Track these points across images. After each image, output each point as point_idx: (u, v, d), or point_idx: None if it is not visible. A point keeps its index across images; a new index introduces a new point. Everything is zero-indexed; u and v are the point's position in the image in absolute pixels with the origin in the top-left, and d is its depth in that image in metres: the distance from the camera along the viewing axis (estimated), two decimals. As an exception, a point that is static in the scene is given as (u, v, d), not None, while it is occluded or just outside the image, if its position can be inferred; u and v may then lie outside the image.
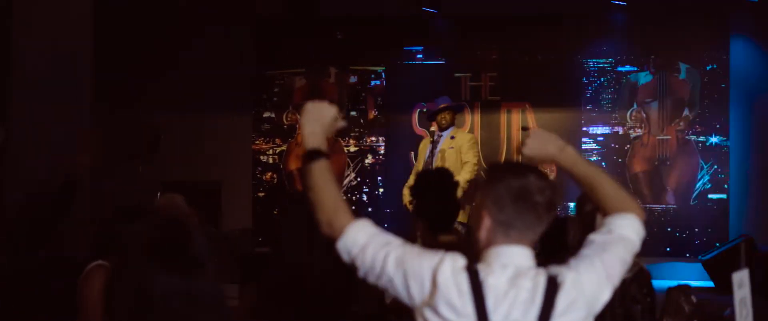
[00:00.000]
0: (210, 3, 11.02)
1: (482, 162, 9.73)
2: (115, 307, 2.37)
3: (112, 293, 2.69)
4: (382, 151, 11.28)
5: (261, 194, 11.44)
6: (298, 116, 11.47)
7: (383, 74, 11.33)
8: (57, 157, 7.31)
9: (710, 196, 10.57)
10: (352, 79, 11.41)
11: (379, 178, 11.23)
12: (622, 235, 2.70)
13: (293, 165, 11.45)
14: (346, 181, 11.34)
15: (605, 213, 2.77)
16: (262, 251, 9.54)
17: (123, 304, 2.37)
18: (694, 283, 8.14)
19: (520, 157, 2.86)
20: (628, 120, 10.77)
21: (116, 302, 2.37)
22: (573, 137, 10.73)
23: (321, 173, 2.74)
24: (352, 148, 11.36)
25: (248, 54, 11.41)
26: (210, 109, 11.23)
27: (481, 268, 2.55)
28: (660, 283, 4.74)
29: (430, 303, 2.54)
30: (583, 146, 10.76)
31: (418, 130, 10.97)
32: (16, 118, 7.38)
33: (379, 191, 11.23)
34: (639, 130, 10.74)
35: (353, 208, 10.37)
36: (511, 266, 2.54)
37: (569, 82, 10.77)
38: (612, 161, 10.75)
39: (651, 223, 10.66)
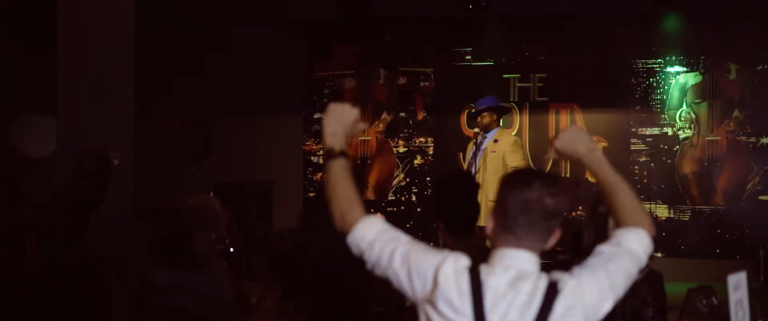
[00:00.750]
0: (261, 5, 11.17)
1: (530, 163, 9.78)
2: (116, 302, 2.48)
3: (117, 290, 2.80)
4: (430, 152, 11.36)
5: (312, 194, 11.57)
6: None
7: (432, 75, 11.41)
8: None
9: (761, 197, 10.51)
10: (401, 81, 11.50)
11: (428, 178, 11.32)
12: (630, 249, 2.77)
13: (343, 165, 11.57)
14: (395, 182, 11.44)
15: (618, 223, 2.85)
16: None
17: (123, 298, 2.47)
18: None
19: (551, 149, 2.97)
20: (678, 121, 10.74)
21: (117, 297, 2.47)
22: (622, 138, 10.74)
23: (338, 171, 2.88)
24: (401, 149, 11.46)
25: (299, 56, 11.56)
26: (262, 111, 11.39)
27: (484, 268, 2.65)
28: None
29: (431, 299, 2.65)
30: (632, 147, 10.75)
31: (467, 130, 11.03)
32: (63, 121, 7.48)
33: (427, 191, 11.31)
34: (688, 131, 10.71)
35: (402, 208, 10.44)
36: (514, 269, 2.63)
37: (618, 83, 10.77)
38: (661, 162, 10.73)
39: (701, 224, 10.62)
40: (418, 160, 11.41)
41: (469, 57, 11.24)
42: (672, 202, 10.68)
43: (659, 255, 10.44)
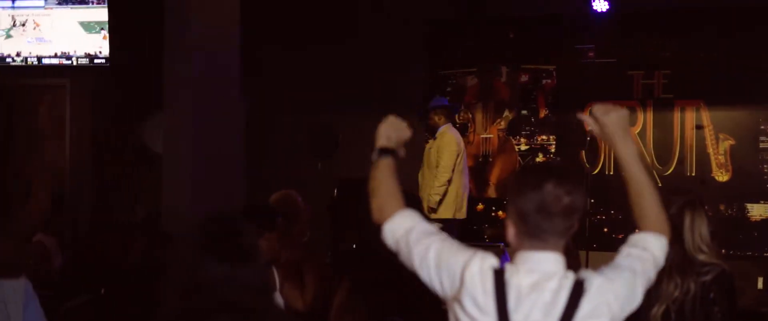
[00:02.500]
0: (383, 4, 11.31)
1: (653, 163, 9.63)
2: (166, 294, 2.57)
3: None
4: (552, 150, 11.31)
5: (433, 191, 11.63)
6: (470, 115, 11.63)
7: (554, 73, 11.35)
8: (212, 159, 7.57)
9: None
10: (524, 78, 11.48)
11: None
12: (654, 255, 2.80)
13: (464, 163, 11.61)
14: (516, 180, 11.40)
15: (640, 225, 2.86)
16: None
17: (173, 290, 2.57)
18: None
19: (588, 114, 3.08)
20: (810, 118, 10.39)
21: (168, 289, 2.57)
22: (751, 136, 10.45)
23: (384, 168, 3.06)
24: (523, 147, 11.44)
25: (421, 54, 11.66)
26: (384, 109, 11.46)
27: (509, 268, 2.68)
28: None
29: (458, 297, 2.71)
30: (761, 145, 10.44)
31: (588, 128, 10.90)
32: (171, 124, 7.66)
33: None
34: (822, 129, 10.35)
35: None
36: (538, 272, 2.66)
37: (747, 79, 10.47)
38: (791, 161, 10.41)
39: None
40: (540, 158, 11.36)
41: (592, 54, 11.12)
42: (803, 202, 10.36)
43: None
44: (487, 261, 2.70)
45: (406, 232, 2.85)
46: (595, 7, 10.55)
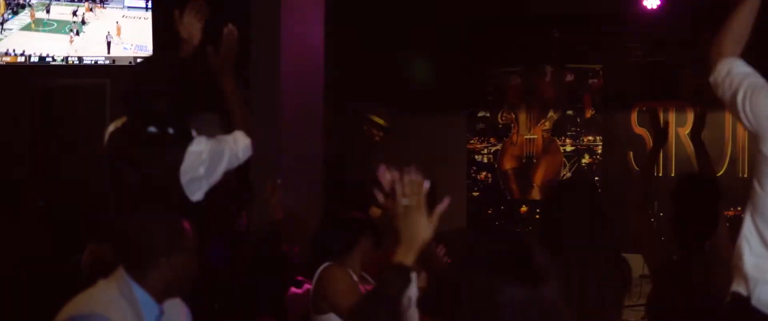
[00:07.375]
0: (426, 3, 11.14)
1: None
2: (463, 315, 2.42)
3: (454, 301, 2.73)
4: (599, 151, 11.08)
5: (475, 194, 11.48)
6: (513, 115, 11.43)
7: (601, 72, 11.12)
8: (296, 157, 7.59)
9: None
10: (569, 78, 11.25)
11: (597, 178, 11.01)
12: None
13: (507, 164, 11.42)
14: (561, 181, 11.21)
15: None
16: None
17: (470, 312, 2.42)
18: None
19: None
20: None
21: (465, 310, 2.43)
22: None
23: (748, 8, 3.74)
24: (569, 148, 11.22)
25: (463, 53, 11.46)
26: (424, 109, 11.34)
27: None
28: None
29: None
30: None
31: (638, 129, 10.69)
32: (261, 123, 7.66)
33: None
34: None
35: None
36: None
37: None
38: None
39: None
40: (585, 160, 11.14)
41: (640, 52, 10.88)
42: None
43: None
44: None
45: (724, 77, 3.62)
46: (644, 4, 10.27)
